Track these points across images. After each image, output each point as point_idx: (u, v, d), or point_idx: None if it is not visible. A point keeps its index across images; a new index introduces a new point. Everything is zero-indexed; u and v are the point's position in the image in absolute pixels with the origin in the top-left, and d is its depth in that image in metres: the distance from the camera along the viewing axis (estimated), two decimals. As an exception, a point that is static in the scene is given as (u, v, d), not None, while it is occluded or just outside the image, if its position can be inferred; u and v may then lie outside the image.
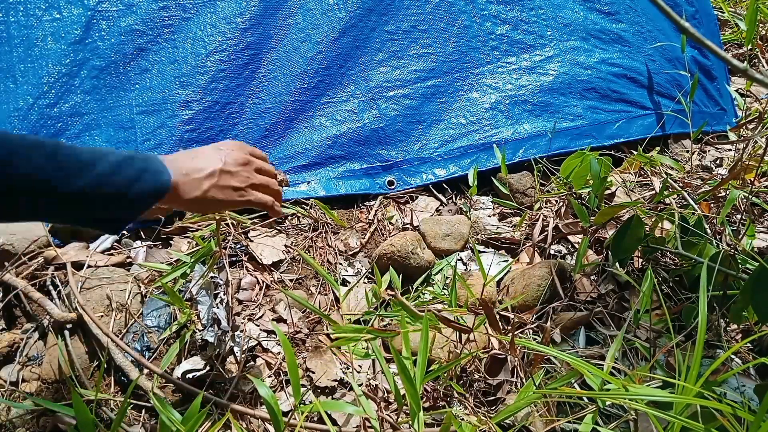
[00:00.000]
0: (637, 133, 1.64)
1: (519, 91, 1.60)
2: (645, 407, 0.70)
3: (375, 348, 0.96)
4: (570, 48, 1.66)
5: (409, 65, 1.54)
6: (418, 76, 1.54)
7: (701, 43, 0.54)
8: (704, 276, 0.82)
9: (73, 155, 0.68)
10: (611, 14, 1.71)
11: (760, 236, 1.31)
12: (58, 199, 0.66)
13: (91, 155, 0.69)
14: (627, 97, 1.68)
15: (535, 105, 1.60)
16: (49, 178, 0.65)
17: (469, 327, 0.93)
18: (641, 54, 1.71)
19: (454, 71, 1.57)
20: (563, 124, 1.60)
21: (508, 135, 1.55)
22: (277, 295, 1.14)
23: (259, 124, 1.42)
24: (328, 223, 1.34)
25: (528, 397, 0.81)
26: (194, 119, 1.37)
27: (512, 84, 1.60)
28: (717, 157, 1.66)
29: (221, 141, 0.87)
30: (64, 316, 1.04)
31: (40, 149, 0.65)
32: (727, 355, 0.76)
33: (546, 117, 1.60)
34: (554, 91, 1.62)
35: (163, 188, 0.73)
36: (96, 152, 0.70)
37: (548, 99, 1.61)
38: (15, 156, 0.63)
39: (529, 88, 1.61)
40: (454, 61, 1.57)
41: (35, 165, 0.64)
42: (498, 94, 1.58)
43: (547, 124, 1.59)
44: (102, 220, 0.71)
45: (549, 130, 1.58)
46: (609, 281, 1.22)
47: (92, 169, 0.68)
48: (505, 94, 1.59)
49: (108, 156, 0.70)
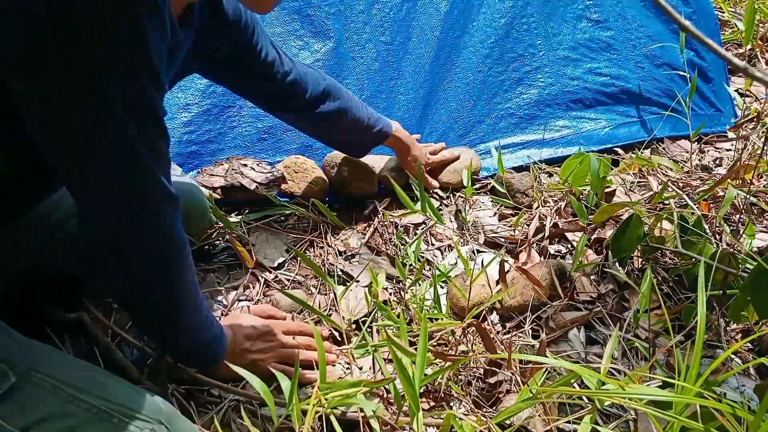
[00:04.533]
0: (626, 138, 1.66)
1: (506, 104, 1.61)
2: (644, 407, 0.70)
3: (378, 358, 0.96)
4: (558, 58, 1.66)
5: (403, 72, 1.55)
6: (408, 81, 1.55)
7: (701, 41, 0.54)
8: (703, 274, 0.81)
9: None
10: (600, 22, 1.72)
11: (759, 236, 1.31)
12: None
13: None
14: (614, 106, 1.69)
15: (521, 118, 1.62)
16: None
17: (464, 356, 0.95)
18: (630, 61, 1.72)
19: (445, 81, 1.59)
20: (549, 135, 1.61)
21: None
22: (276, 295, 1.14)
23: (257, 127, 1.42)
24: (327, 223, 1.34)
25: (527, 400, 0.81)
26: (193, 122, 1.37)
27: (500, 97, 1.61)
28: (716, 156, 1.66)
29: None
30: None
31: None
32: (727, 354, 0.76)
33: (532, 130, 1.62)
34: (541, 103, 1.63)
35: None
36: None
37: (534, 111, 1.62)
38: None
39: (515, 101, 1.62)
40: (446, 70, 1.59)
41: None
42: (485, 106, 1.59)
43: (533, 136, 1.61)
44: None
45: (535, 143, 1.60)
46: (609, 281, 1.22)
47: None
48: (492, 107, 1.60)
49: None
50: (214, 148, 1.39)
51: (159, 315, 0.79)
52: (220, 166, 1.36)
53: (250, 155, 1.41)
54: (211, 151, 1.38)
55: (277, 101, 1.17)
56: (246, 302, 1.15)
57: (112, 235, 0.69)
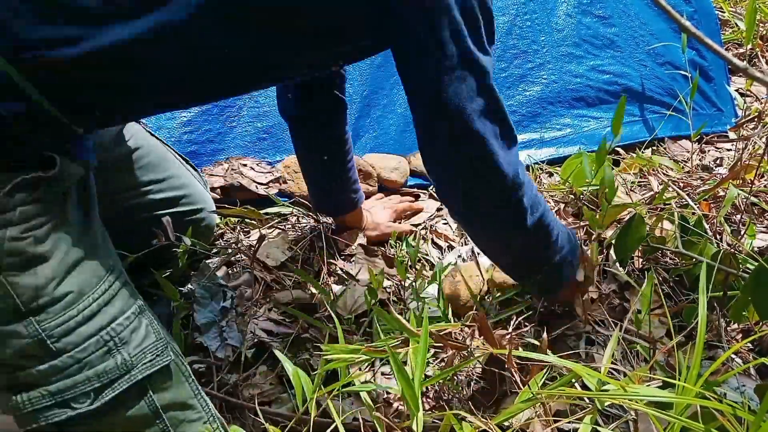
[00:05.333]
0: (628, 138, 1.65)
1: (508, 102, 1.60)
2: (645, 407, 0.70)
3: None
4: (561, 55, 1.65)
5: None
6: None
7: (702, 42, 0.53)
8: (704, 274, 0.81)
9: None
10: (605, 18, 1.71)
11: (760, 236, 1.31)
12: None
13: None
14: (616, 105, 1.68)
15: (523, 116, 1.60)
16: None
17: (465, 345, 0.94)
18: (633, 59, 1.71)
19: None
20: (550, 134, 1.60)
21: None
22: (276, 295, 1.14)
23: (257, 126, 1.42)
24: (328, 223, 1.34)
25: (527, 401, 0.81)
26: (192, 121, 1.37)
27: (503, 94, 1.60)
28: (717, 156, 1.65)
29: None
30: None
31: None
32: (728, 355, 0.76)
33: (533, 128, 1.60)
34: (543, 100, 1.61)
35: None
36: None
37: (537, 109, 1.61)
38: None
39: (517, 98, 1.61)
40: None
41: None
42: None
43: (534, 135, 1.60)
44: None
45: (536, 142, 1.59)
46: (610, 281, 1.21)
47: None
48: None
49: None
50: (214, 148, 1.39)
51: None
52: (219, 166, 1.36)
53: (250, 155, 1.41)
54: (210, 151, 1.38)
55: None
56: (246, 302, 1.15)
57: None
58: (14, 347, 0.68)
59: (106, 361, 0.71)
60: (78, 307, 0.71)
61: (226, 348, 1.06)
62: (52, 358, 0.69)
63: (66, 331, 0.70)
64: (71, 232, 0.73)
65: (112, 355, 0.72)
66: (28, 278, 0.68)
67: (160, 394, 0.75)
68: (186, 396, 0.78)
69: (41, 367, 0.69)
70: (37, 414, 0.69)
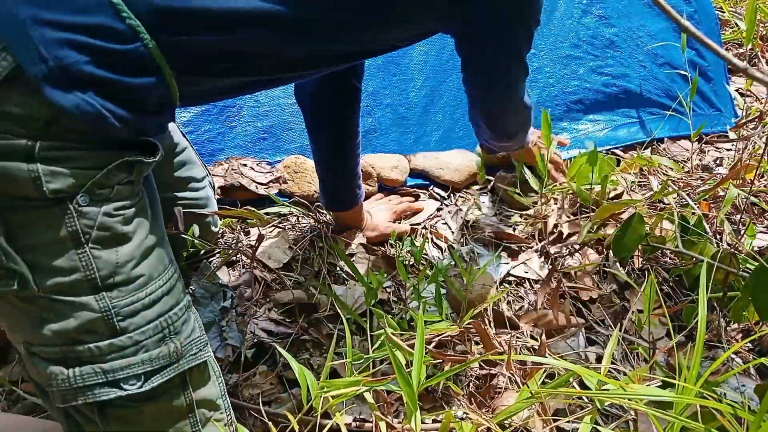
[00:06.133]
0: (626, 140, 1.65)
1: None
2: (645, 407, 0.70)
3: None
4: (560, 57, 1.65)
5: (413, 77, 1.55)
6: (410, 80, 1.55)
7: (702, 42, 0.53)
8: (704, 274, 0.81)
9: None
10: (605, 18, 1.71)
11: (760, 236, 1.31)
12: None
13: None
14: (615, 107, 1.68)
15: None
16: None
17: (462, 358, 0.94)
18: (633, 60, 1.71)
19: (446, 81, 1.58)
20: None
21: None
22: (276, 295, 1.14)
23: (257, 126, 1.42)
24: (328, 223, 1.34)
25: (526, 400, 0.81)
26: (192, 121, 1.37)
27: None
28: (717, 156, 1.65)
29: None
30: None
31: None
32: (727, 355, 0.76)
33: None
34: (540, 104, 1.61)
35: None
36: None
37: (534, 112, 1.61)
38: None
39: None
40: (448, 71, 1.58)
41: None
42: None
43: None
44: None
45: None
46: (610, 281, 1.21)
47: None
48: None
49: None
50: (214, 148, 1.39)
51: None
52: (219, 166, 1.36)
53: (250, 155, 1.41)
54: (210, 151, 1.38)
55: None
56: (246, 302, 1.15)
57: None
58: (81, 319, 0.68)
59: (160, 347, 0.72)
60: (146, 290, 0.72)
61: (226, 348, 1.06)
62: (113, 336, 0.69)
63: (133, 312, 0.71)
64: (148, 218, 0.75)
65: (165, 342, 0.73)
66: (110, 254, 0.70)
67: (196, 390, 0.76)
68: (216, 395, 0.79)
69: (101, 344, 0.69)
70: (87, 390, 0.69)
